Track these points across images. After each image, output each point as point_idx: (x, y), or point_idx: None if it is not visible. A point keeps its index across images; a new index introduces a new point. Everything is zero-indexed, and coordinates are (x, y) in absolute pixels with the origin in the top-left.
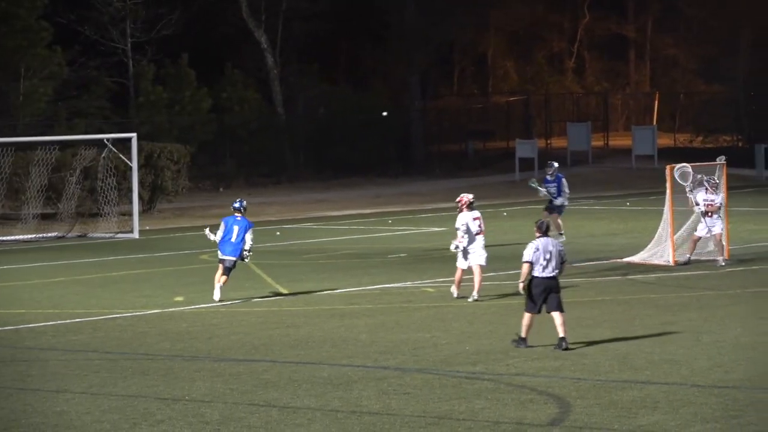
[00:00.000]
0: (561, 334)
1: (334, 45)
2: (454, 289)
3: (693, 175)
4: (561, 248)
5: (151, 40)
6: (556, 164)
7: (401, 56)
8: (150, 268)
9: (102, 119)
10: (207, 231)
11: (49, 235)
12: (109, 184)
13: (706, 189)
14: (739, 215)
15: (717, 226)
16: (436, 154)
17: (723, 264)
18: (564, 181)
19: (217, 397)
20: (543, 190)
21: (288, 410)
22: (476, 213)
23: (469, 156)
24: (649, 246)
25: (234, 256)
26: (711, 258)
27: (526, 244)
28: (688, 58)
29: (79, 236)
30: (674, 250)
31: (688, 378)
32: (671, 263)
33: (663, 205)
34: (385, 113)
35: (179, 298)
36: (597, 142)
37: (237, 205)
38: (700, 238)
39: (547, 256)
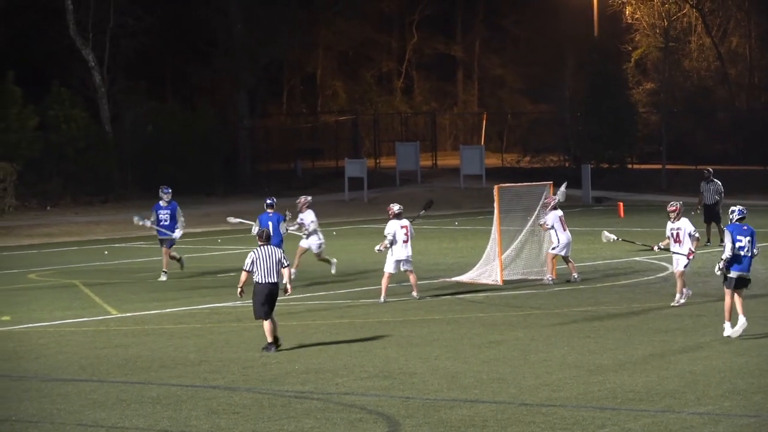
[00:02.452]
0: (270, 340)
1: (162, 62)
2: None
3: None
4: (282, 255)
5: None
6: (169, 189)
7: (228, 74)
8: None
9: None
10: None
11: None
12: None
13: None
14: None
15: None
16: (264, 173)
17: (550, 283)
18: (179, 209)
19: (44, 417)
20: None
21: (116, 430)
22: (404, 221)
23: (298, 175)
24: (477, 265)
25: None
26: (538, 277)
27: (358, 262)
28: (515, 78)
29: None
30: (502, 270)
31: (516, 396)
32: (499, 282)
33: (491, 225)
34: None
35: (6, 318)
36: (425, 162)
37: (269, 201)
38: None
39: (268, 264)
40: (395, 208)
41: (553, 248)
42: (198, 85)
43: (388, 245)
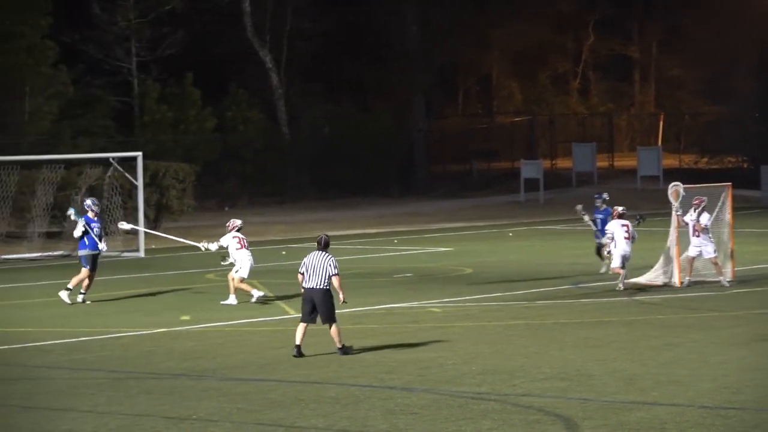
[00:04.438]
0: (337, 345)
1: (338, 65)
2: (621, 285)
3: (683, 195)
4: (330, 263)
5: (155, 59)
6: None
7: (403, 76)
8: (155, 287)
9: (106, 138)
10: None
11: (55, 253)
12: (114, 202)
13: (695, 208)
14: (744, 236)
15: (709, 248)
16: (439, 174)
17: (727, 285)
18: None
19: (224, 416)
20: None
21: (295, 430)
22: (625, 222)
23: (473, 176)
24: (654, 267)
25: None
26: (715, 279)
27: (533, 264)
28: (692, 78)
29: None
30: (680, 271)
31: (695, 399)
32: (677, 284)
33: (668, 226)
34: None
35: (185, 317)
36: (602, 163)
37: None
38: (693, 258)
39: (312, 268)
40: (619, 209)
41: (715, 251)
42: (373, 88)
43: (610, 241)
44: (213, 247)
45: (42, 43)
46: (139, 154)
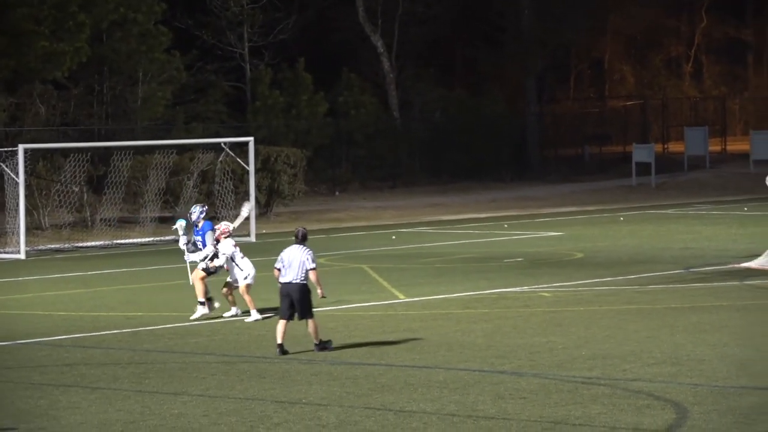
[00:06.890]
0: (314, 341)
1: (450, 49)
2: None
3: None
4: (308, 256)
5: (268, 44)
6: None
7: (517, 60)
8: (266, 271)
9: (219, 123)
10: None
11: (167, 238)
12: (226, 187)
13: None
14: None
15: None
16: (552, 159)
17: None
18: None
19: (333, 400)
20: None
21: (404, 414)
22: None
23: (585, 160)
24: (766, 252)
25: None
26: None
27: (644, 248)
28: None
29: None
30: None
31: None
32: None
33: None
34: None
35: None
36: (714, 147)
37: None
38: None
39: (288, 263)
40: None
41: None
42: (485, 72)
43: None
44: (219, 262)
45: (155, 29)
46: (251, 139)
